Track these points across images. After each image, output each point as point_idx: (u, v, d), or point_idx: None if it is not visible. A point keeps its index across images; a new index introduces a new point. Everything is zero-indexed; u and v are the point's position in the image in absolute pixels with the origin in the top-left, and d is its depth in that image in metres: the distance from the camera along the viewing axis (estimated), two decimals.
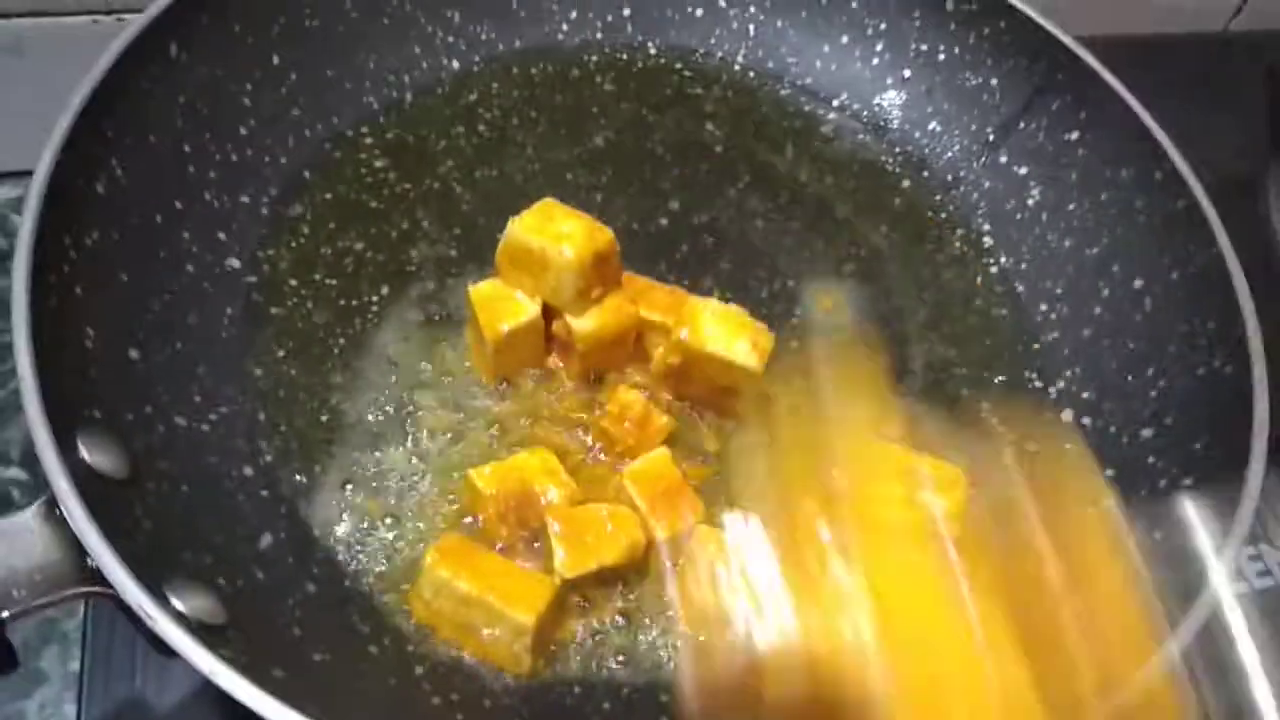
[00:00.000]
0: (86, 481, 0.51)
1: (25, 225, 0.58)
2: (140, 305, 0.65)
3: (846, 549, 0.56)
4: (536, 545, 0.63)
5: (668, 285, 0.72)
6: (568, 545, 0.61)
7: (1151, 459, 0.69)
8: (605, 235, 0.66)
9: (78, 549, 0.50)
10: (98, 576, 0.49)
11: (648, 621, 0.63)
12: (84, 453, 0.53)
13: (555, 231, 0.65)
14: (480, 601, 0.58)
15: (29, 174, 0.59)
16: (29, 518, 0.51)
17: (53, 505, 0.51)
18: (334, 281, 0.74)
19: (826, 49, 0.92)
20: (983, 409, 0.74)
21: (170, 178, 0.70)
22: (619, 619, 0.62)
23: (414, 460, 0.67)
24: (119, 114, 0.66)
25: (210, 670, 0.47)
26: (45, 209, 0.59)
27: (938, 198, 0.87)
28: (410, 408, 0.69)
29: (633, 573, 0.63)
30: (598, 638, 0.62)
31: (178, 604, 0.50)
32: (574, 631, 0.61)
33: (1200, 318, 0.72)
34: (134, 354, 0.62)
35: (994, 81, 0.87)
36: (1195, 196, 0.74)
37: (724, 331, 0.66)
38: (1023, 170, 0.85)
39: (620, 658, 0.61)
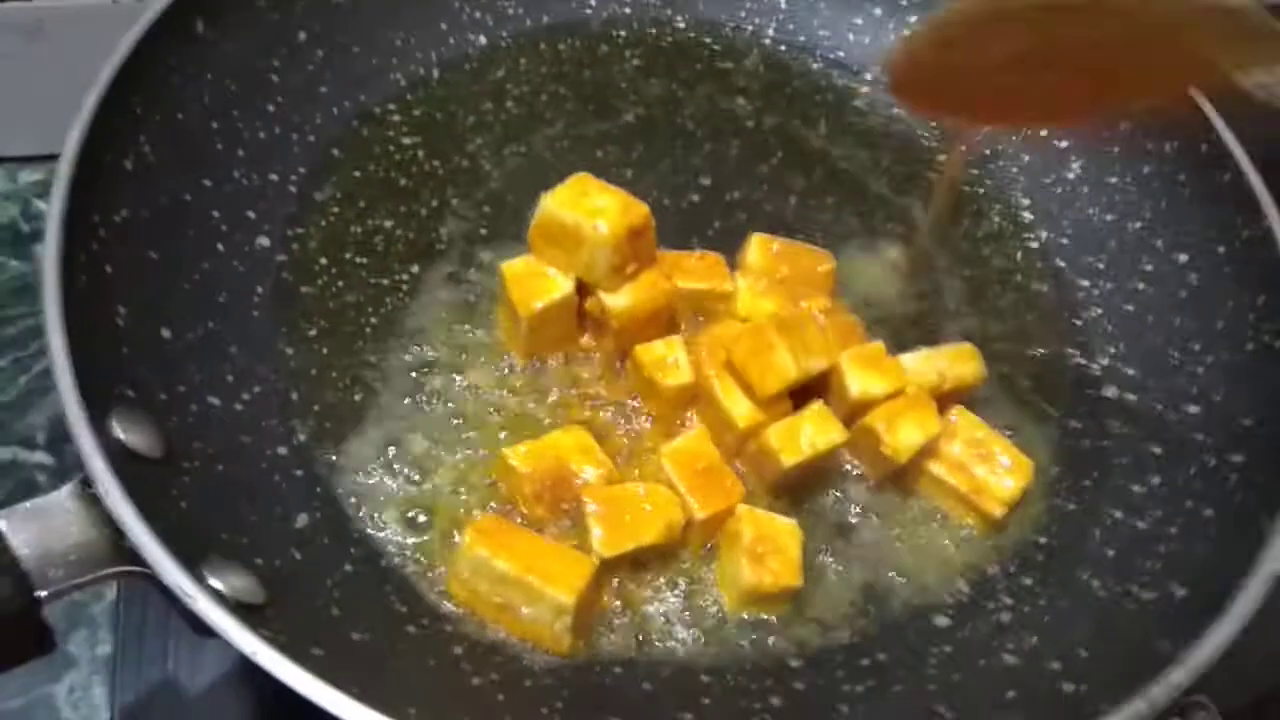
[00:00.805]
0: (121, 460, 0.51)
1: (54, 203, 0.57)
2: (171, 284, 0.64)
3: None
4: (572, 525, 0.62)
5: (698, 252, 0.71)
6: (605, 525, 0.60)
7: (1199, 436, 0.67)
8: (640, 210, 0.65)
9: (113, 528, 0.49)
10: (134, 556, 0.49)
11: (687, 601, 0.62)
12: (118, 431, 0.53)
13: (590, 206, 0.64)
14: (519, 581, 0.57)
15: (52, 158, 0.59)
16: (64, 497, 0.51)
17: (87, 485, 0.50)
18: (364, 260, 0.73)
19: (859, 21, 0.90)
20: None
21: (199, 156, 0.69)
22: (659, 598, 0.61)
23: (448, 439, 0.66)
24: (146, 91, 0.65)
25: (252, 650, 0.46)
26: (74, 187, 0.58)
27: (975, 172, 0.85)
28: (443, 387, 0.68)
29: (671, 552, 0.62)
30: (638, 617, 0.61)
31: (216, 583, 0.50)
32: (614, 611, 0.61)
33: (1248, 293, 0.70)
34: (166, 333, 0.62)
35: None
36: (1242, 169, 0.73)
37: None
38: (1063, 143, 0.83)
39: (660, 637, 0.60)
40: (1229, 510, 0.62)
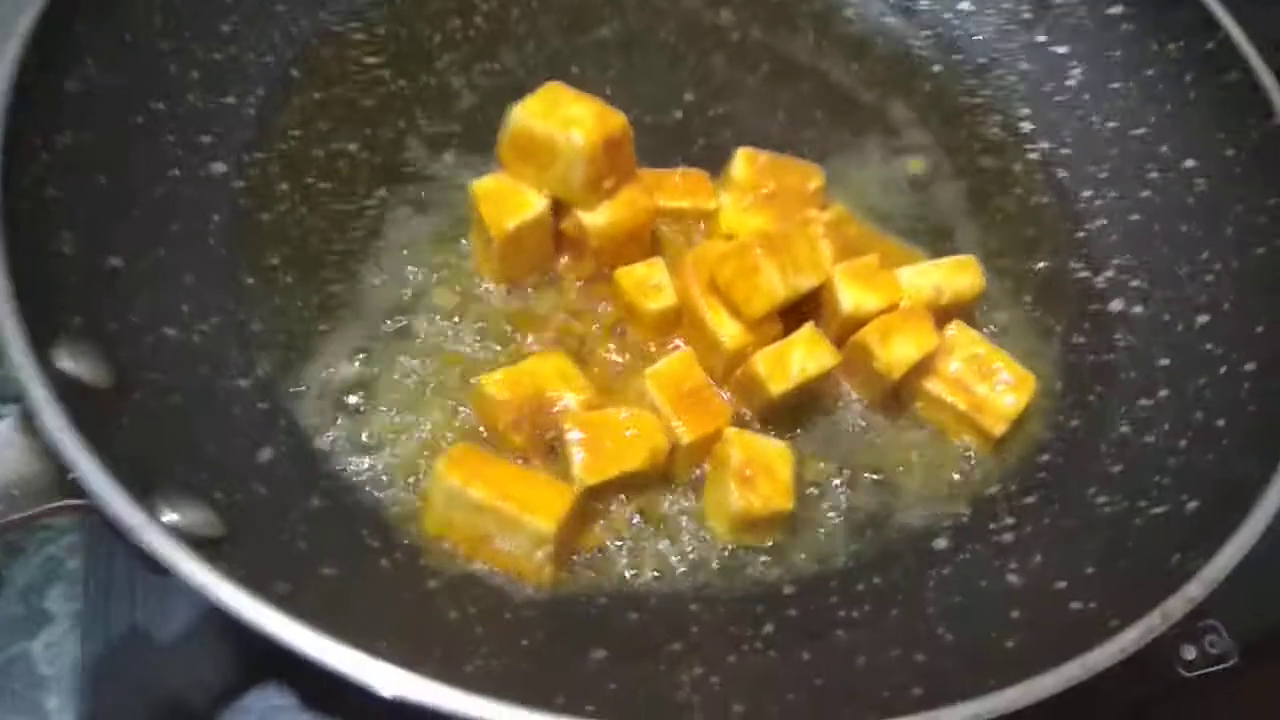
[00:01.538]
0: (64, 389, 0.48)
1: None
2: (120, 211, 0.61)
3: None
4: (554, 454, 0.59)
5: (680, 169, 0.67)
6: (587, 451, 0.57)
7: (1209, 346, 0.65)
8: (617, 119, 0.61)
9: (57, 461, 0.46)
10: (80, 490, 0.46)
11: (674, 529, 0.59)
12: (63, 361, 0.50)
13: (563, 116, 0.60)
14: (496, 510, 0.54)
15: None
16: (3, 429, 0.48)
17: (30, 416, 0.47)
18: (327, 185, 0.69)
19: None
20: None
21: (148, 77, 0.66)
22: (643, 526, 0.59)
23: (420, 370, 0.63)
24: (89, 9, 0.62)
25: (203, 582, 0.43)
26: (13, 109, 0.55)
27: (971, 82, 0.81)
28: (413, 314, 0.65)
29: (656, 479, 0.60)
30: (621, 546, 0.58)
31: (171, 516, 0.47)
32: (597, 540, 0.58)
33: (1258, 195, 0.67)
34: (115, 261, 0.59)
35: None
36: (1250, 65, 0.69)
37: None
38: (1062, 49, 0.80)
39: (647, 566, 0.58)
40: (1241, 420, 0.60)
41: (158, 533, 0.44)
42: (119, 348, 0.55)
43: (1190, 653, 0.67)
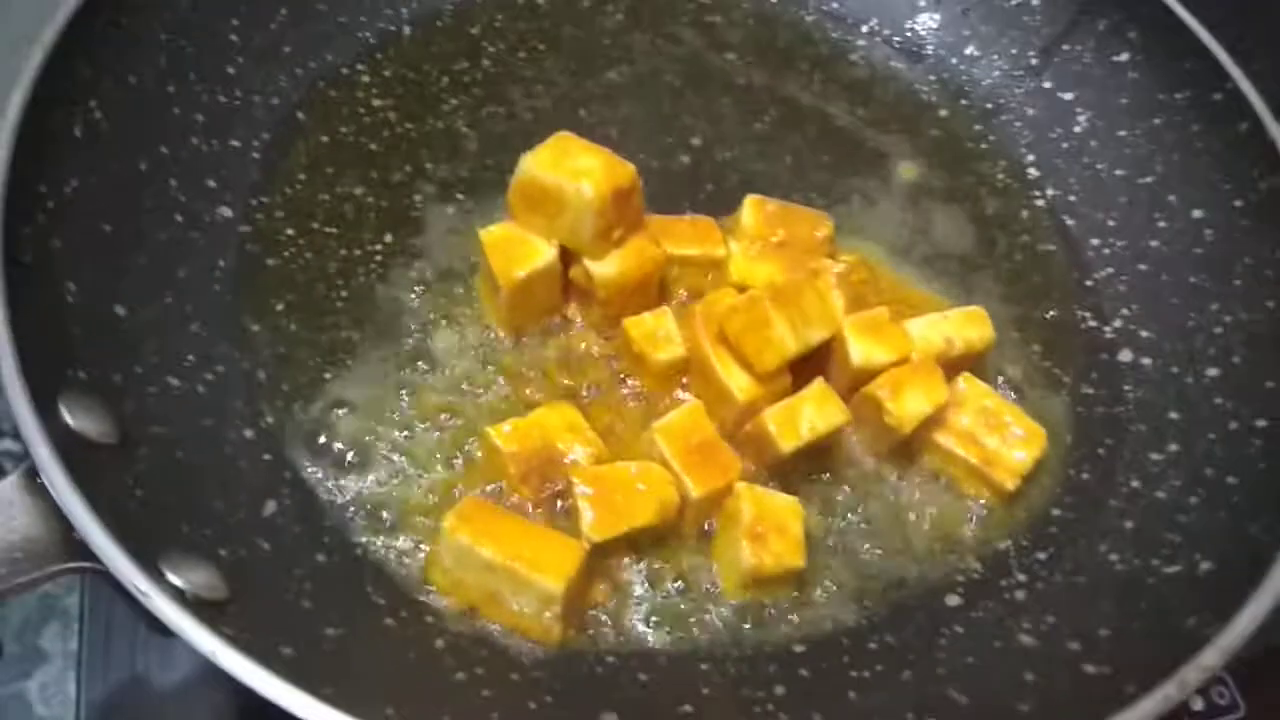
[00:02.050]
0: (69, 447, 0.48)
1: None
2: (125, 258, 0.60)
3: None
4: (561, 507, 0.58)
5: (689, 216, 0.67)
6: (596, 507, 0.56)
7: (1219, 400, 0.64)
8: (627, 170, 0.61)
9: (63, 521, 0.46)
10: (86, 551, 0.45)
11: (684, 585, 0.58)
12: (67, 416, 0.49)
13: (572, 167, 0.60)
14: (505, 568, 0.53)
15: None
16: (8, 488, 0.47)
17: (34, 474, 0.47)
18: (334, 230, 0.69)
19: None
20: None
21: (154, 121, 0.65)
22: (652, 583, 0.58)
23: (428, 419, 0.62)
24: (95, 52, 0.62)
25: (210, 650, 0.43)
26: (18, 156, 0.54)
27: (978, 127, 0.81)
28: (421, 363, 0.64)
29: (666, 534, 0.59)
30: (631, 604, 0.57)
31: (174, 579, 0.46)
32: (605, 597, 0.57)
33: (1267, 247, 0.67)
34: (120, 310, 0.58)
35: (1035, 1, 0.81)
36: (1259, 116, 0.69)
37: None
38: (1069, 95, 0.79)
39: (656, 623, 0.57)
40: (1253, 477, 0.59)
41: (165, 598, 0.44)
42: (124, 401, 0.54)
43: (1199, 704, 0.66)
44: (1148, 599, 0.56)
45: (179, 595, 0.45)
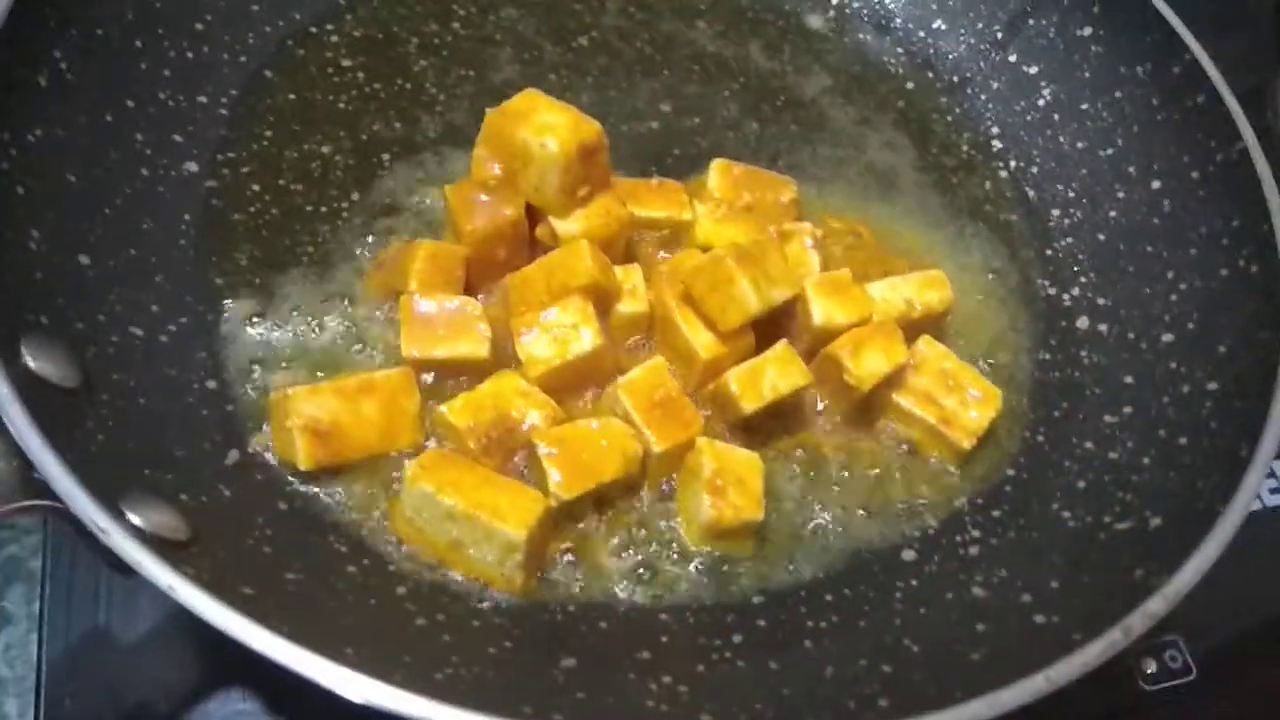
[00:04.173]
0: (30, 388, 0.47)
1: None
2: (90, 209, 0.60)
3: None
4: (527, 472, 0.58)
5: (655, 180, 0.68)
6: (561, 466, 0.56)
7: (1173, 364, 0.65)
8: (593, 127, 0.61)
9: (23, 460, 0.46)
10: (46, 490, 0.45)
11: (645, 536, 0.59)
12: (28, 359, 0.49)
13: (539, 123, 0.60)
14: (467, 516, 0.53)
15: None
16: None
17: None
18: (300, 186, 0.69)
19: None
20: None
21: (120, 74, 0.65)
22: (615, 535, 0.59)
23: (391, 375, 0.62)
24: (62, 3, 0.61)
25: (168, 584, 0.43)
26: None
27: (943, 99, 0.82)
28: (386, 318, 0.64)
29: (628, 488, 0.59)
30: (593, 555, 0.58)
31: (134, 518, 0.46)
32: (567, 547, 0.58)
33: (1223, 217, 0.68)
34: (84, 260, 0.58)
35: None
36: (1216, 89, 0.70)
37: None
38: (1032, 69, 0.80)
39: (617, 575, 0.57)
40: (1204, 439, 0.60)
41: (124, 535, 0.44)
42: (86, 347, 0.54)
43: (1151, 666, 0.68)
44: (1098, 553, 0.57)
45: (139, 534, 0.45)
